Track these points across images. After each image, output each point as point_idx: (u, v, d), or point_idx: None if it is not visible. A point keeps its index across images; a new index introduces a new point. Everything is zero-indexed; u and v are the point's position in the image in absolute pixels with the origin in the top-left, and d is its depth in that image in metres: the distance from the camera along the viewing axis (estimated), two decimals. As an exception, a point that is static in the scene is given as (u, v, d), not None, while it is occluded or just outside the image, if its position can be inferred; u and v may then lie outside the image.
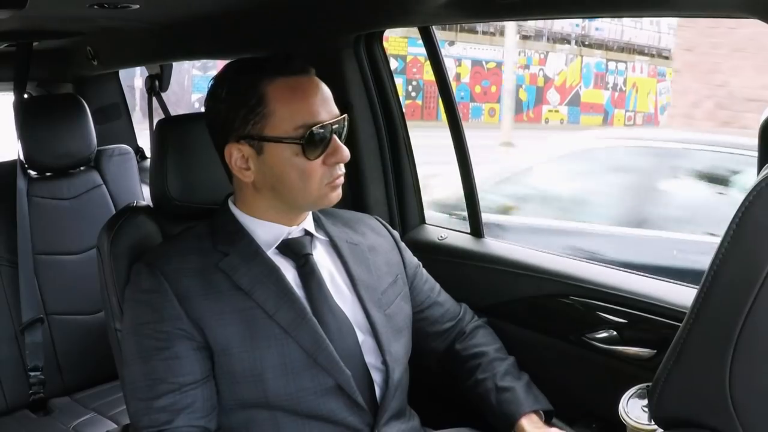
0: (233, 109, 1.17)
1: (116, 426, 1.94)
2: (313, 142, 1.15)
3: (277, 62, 1.18)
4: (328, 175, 1.19)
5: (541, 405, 1.37)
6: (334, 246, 1.32)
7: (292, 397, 1.17)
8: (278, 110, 1.15)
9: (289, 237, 1.26)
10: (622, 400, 1.12)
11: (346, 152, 1.19)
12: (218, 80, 1.21)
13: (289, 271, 1.24)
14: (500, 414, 1.35)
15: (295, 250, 1.26)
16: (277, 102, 1.15)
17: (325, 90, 1.20)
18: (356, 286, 1.29)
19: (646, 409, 1.09)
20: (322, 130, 1.16)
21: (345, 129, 1.22)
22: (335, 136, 1.18)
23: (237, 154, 1.19)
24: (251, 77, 1.17)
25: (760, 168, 0.87)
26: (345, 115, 1.21)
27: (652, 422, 1.05)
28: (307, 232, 1.28)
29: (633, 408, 1.11)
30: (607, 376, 1.45)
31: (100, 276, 1.39)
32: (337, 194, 1.22)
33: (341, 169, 1.21)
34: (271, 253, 1.24)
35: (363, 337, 1.26)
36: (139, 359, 1.17)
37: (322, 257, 1.29)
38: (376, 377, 1.26)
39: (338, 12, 1.68)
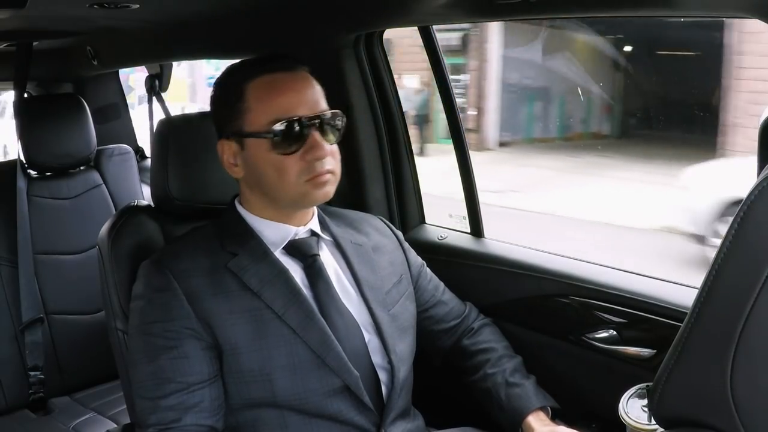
0: (222, 108, 1.23)
1: (116, 426, 1.94)
2: (287, 136, 1.15)
3: (262, 61, 1.21)
4: (307, 172, 1.16)
5: (550, 402, 1.38)
6: (338, 246, 1.32)
7: (299, 397, 1.18)
8: (254, 106, 1.18)
9: (296, 237, 1.26)
10: (622, 400, 1.12)
11: (325, 149, 1.16)
12: (215, 82, 1.27)
13: (296, 272, 1.24)
14: (509, 409, 1.36)
15: (302, 250, 1.26)
16: (254, 99, 1.18)
17: (311, 86, 1.20)
18: (361, 286, 1.29)
19: (646, 409, 1.09)
20: (296, 125, 1.15)
21: (339, 126, 1.21)
22: (315, 132, 1.17)
23: (228, 150, 1.22)
24: (236, 77, 1.21)
25: (760, 168, 0.87)
26: (336, 111, 1.21)
27: (652, 422, 1.05)
28: (313, 233, 1.29)
29: (633, 408, 1.11)
30: (607, 376, 1.45)
31: (101, 275, 1.39)
32: (324, 192, 1.18)
33: (324, 166, 1.17)
34: (279, 254, 1.24)
35: (369, 337, 1.26)
36: (146, 358, 1.16)
37: (327, 257, 1.29)
38: (383, 377, 1.26)
39: (338, 12, 1.68)
